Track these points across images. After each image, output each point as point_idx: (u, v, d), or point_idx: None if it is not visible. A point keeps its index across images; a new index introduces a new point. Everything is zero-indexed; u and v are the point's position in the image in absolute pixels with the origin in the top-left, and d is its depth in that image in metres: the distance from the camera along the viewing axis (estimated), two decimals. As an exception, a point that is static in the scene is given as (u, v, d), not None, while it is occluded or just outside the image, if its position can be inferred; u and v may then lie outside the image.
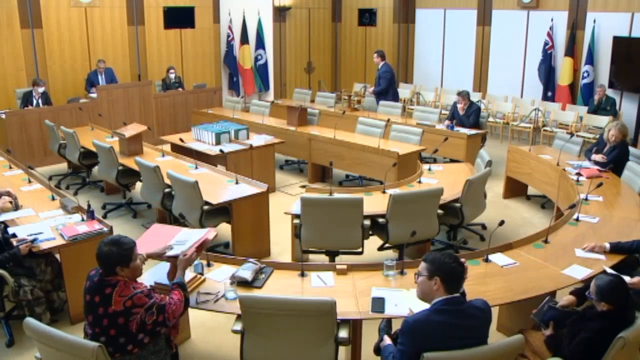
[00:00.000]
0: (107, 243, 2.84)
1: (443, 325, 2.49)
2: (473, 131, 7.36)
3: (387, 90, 8.94)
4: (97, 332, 2.78)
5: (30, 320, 2.66)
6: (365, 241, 4.52)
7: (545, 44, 9.73)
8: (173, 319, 2.90)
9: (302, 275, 3.45)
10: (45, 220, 4.33)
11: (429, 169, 5.83)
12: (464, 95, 7.65)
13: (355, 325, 3.15)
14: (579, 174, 5.41)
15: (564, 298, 3.21)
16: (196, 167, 5.89)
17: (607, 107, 8.77)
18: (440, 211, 4.67)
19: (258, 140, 6.98)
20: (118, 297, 2.73)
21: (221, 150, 6.30)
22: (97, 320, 2.76)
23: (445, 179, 5.46)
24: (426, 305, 2.63)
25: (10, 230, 4.08)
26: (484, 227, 5.84)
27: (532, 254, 3.76)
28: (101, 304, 2.74)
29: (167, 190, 5.29)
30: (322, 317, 2.85)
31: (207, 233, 3.41)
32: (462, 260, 2.69)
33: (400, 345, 2.58)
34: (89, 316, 2.81)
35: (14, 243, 3.83)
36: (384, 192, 5.09)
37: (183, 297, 2.99)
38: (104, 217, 6.11)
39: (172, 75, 9.86)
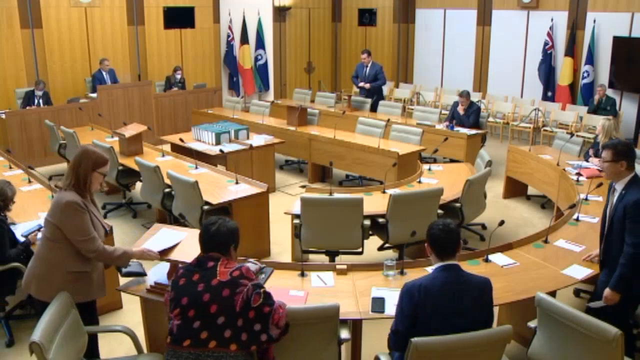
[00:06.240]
0: (219, 221, 2.60)
1: (439, 282, 2.58)
2: (473, 131, 7.36)
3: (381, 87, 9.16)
4: (190, 317, 2.40)
5: None
6: (365, 241, 4.52)
7: (545, 44, 9.73)
8: (279, 321, 2.50)
9: (302, 275, 3.45)
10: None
11: (429, 169, 5.83)
12: (464, 95, 7.65)
13: (355, 325, 3.14)
14: (579, 174, 5.42)
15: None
16: (196, 167, 5.89)
17: (607, 107, 8.77)
18: (440, 211, 4.67)
19: (258, 140, 6.98)
20: (223, 268, 2.46)
21: (221, 150, 6.30)
22: (193, 300, 2.41)
23: (445, 179, 5.46)
24: None
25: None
26: (484, 227, 5.84)
27: (532, 254, 3.76)
28: (201, 281, 2.43)
29: (167, 190, 5.29)
30: (326, 322, 2.81)
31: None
32: (452, 227, 2.66)
33: (398, 307, 2.65)
34: (181, 300, 2.44)
35: (21, 238, 3.89)
36: (384, 192, 5.09)
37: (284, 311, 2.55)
38: (104, 217, 6.11)
39: (178, 76, 9.94)
